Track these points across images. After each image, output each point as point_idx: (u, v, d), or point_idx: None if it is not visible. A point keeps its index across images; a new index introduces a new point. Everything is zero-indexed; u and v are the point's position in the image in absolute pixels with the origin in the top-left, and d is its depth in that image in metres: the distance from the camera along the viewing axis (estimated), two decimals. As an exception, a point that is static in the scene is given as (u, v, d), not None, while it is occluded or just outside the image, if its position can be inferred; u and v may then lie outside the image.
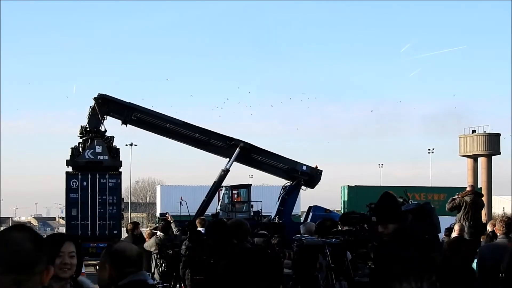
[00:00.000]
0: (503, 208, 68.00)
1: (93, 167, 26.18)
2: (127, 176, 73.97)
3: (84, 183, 27.99)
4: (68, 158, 26.76)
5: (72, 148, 26.20)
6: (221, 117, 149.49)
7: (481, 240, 11.94)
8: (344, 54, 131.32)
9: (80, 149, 26.14)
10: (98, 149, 26.01)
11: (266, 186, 54.45)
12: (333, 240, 8.13)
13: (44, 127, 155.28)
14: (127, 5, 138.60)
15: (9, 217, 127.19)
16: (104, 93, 26.41)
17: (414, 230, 5.45)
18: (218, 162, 28.66)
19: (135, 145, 69.48)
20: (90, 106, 26.12)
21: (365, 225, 8.83)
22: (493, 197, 62.75)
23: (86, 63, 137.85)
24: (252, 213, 30.88)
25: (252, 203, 31.74)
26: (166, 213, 16.94)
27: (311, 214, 26.31)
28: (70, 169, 27.10)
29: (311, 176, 28.04)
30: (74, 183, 27.96)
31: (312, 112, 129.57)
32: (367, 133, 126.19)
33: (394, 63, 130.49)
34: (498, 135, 62.58)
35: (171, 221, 14.38)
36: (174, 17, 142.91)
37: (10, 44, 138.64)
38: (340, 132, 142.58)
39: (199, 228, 13.64)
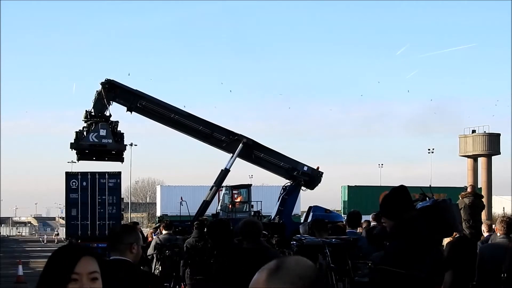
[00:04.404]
0: (503, 208, 67.97)
1: (97, 150, 25.97)
2: (127, 176, 73.95)
3: (84, 183, 27.94)
4: (72, 141, 26.40)
5: (76, 132, 25.99)
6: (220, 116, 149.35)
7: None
8: (344, 54, 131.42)
9: (85, 133, 25.93)
10: (102, 132, 25.75)
11: (266, 186, 54.49)
12: (333, 240, 8.13)
13: (44, 127, 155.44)
14: (120, 6, 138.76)
15: (9, 217, 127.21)
16: (111, 79, 26.11)
17: (412, 228, 5.47)
18: (218, 162, 28.65)
19: (135, 145, 69.26)
20: (97, 91, 25.86)
21: None
22: (493, 197, 62.73)
23: (86, 63, 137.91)
24: (252, 213, 30.85)
25: (252, 203, 31.70)
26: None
27: (311, 214, 26.31)
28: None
29: (312, 177, 27.99)
30: (74, 183, 27.92)
31: (312, 112, 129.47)
32: (367, 133, 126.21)
33: (392, 64, 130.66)
34: (498, 135, 62.58)
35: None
36: (174, 17, 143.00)
37: (10, 44, 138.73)
38: (340, 132, 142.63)
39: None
